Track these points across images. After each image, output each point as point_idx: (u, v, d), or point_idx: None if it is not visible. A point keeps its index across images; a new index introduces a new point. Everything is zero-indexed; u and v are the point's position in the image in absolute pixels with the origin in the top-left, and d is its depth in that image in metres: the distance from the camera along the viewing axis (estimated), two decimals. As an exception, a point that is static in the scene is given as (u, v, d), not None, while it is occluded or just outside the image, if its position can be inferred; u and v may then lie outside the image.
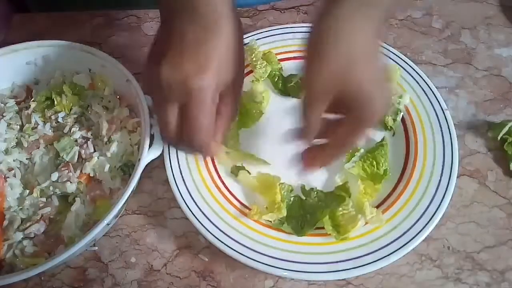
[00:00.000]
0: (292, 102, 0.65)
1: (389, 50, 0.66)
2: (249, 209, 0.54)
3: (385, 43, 0.67)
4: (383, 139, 0.60)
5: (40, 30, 0.75)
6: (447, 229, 0.55)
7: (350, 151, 0.58)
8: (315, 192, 0.56)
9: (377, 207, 0.54)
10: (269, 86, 0.66)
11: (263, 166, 0.58)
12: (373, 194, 0.55)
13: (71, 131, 0.57)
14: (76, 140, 0.57)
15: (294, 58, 0.67)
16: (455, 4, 0.76)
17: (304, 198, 0.56)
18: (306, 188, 0.57)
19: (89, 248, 0.55)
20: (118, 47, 0.73)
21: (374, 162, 0.57)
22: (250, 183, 0.57)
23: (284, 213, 0.53)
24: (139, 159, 0.52)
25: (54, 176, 0.54)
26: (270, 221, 0.54)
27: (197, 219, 0.53)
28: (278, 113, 0.64)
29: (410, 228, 0.52)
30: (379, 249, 0.51)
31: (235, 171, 0.58)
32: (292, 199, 0.56)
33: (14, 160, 0.56)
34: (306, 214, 0.54)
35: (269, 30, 0.69)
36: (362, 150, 0.58)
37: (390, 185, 0.56)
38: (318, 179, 0.58)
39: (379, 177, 0.56)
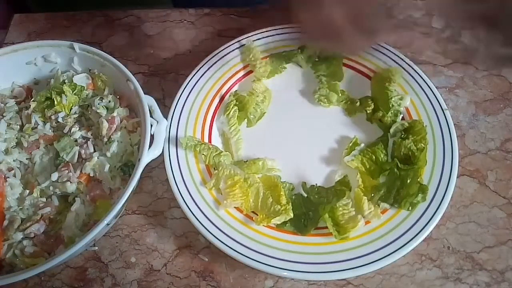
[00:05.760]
0: (292, 101, 0.65)
1: (389, 50, 0.66)
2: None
3: (385, 43, 0.67)
4: (383, 135, 0.60)
5: (40, 30, 0.75)
6: (447, 229, 0.56)
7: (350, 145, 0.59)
8: (316, 189, 0.56)
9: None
10: (271, 84, 0.66)
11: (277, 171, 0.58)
12: (370, 189, 0.56)
13: (71, 131, 0.57)
14: (76, 140, 0.57)
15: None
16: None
17: (305, 195, 0.56)
18: (307, 185, 0.57)
19: (89, 248, 0.55)
20: (118, 47, 0.73)
21: (374, 157, 0.57)
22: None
23: (291, 214, 0.53)
24: (139, 159, 0.52)
25: (54, 176, 0.54)
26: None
27: (197, 219, 0.53)
28: (280, 112, 0.64)
29: (410, 228, 0.52)
30: (379, 249, 0.51)
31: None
32: (294, 197, 0.56)
33: (14, 160, 0.56)
34: (308, 211, 0.54)
35: (269, 30, 0.69)
36: (362, 145, 0.59)
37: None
38: (318, 175, 0.58)
39: (377, 172, 0.56)
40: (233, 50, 0.67)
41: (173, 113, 0.61)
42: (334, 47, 0.55)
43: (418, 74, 0.63)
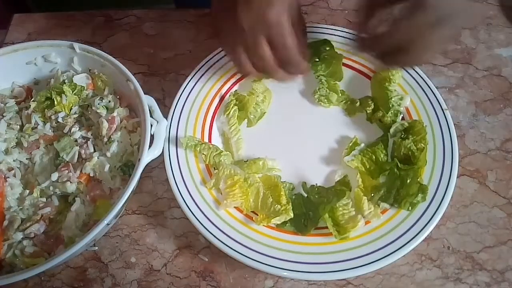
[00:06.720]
0: (293, 101, 0.65)
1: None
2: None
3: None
4: (383, 135, 0.60)
5: (40, 30, 0.75)
6: (447, 229, 0.56)
7: (351, 144, 0.58)
8: (316, 189, 0.56)
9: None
10: (272, 84, 0.66)
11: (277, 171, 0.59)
12: (370, 189, 0.56)
13: (71, 131, 0.57)
14: (76, 140, 0.57)
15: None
16: (455, 4, 0.76)
17: (305, 195, 0.56)
18: (307, 185, 0.57)
19: (89, 248, 0.55)
20: (118, 47, 0.73)
21: (374, 157, 0.57)
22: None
23: (291, 214, 0.53)
24: (139, 159, 0.52)
25: (54, 176, 0.54)
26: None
27: (197, 219, 0.53)
28: (280, 112, 0.64)
29: (410, 228, 0.52)
30: (379, 249, 0.51)
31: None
32: (294, 197, 0.56)
33: (14, 160, 0.56)
34: (308, 211, 0.54)
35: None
36: (362, 145, 0.59)
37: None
38: (318, 175, 0.58)
39: (377, 172, 0.56)
40: (233, 50, 0.67)
41: (173, 113, 0.61)
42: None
43: (418, 74, 0.63)
